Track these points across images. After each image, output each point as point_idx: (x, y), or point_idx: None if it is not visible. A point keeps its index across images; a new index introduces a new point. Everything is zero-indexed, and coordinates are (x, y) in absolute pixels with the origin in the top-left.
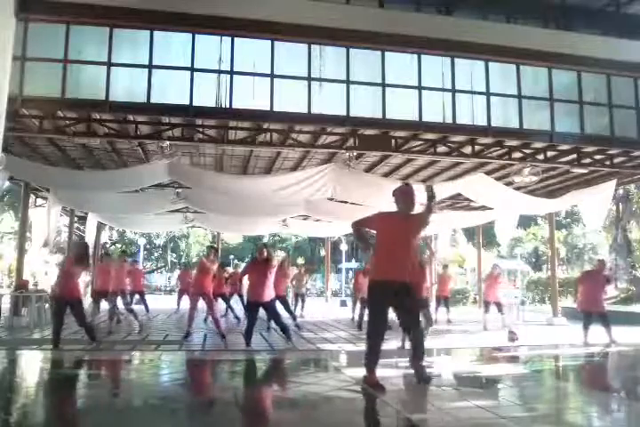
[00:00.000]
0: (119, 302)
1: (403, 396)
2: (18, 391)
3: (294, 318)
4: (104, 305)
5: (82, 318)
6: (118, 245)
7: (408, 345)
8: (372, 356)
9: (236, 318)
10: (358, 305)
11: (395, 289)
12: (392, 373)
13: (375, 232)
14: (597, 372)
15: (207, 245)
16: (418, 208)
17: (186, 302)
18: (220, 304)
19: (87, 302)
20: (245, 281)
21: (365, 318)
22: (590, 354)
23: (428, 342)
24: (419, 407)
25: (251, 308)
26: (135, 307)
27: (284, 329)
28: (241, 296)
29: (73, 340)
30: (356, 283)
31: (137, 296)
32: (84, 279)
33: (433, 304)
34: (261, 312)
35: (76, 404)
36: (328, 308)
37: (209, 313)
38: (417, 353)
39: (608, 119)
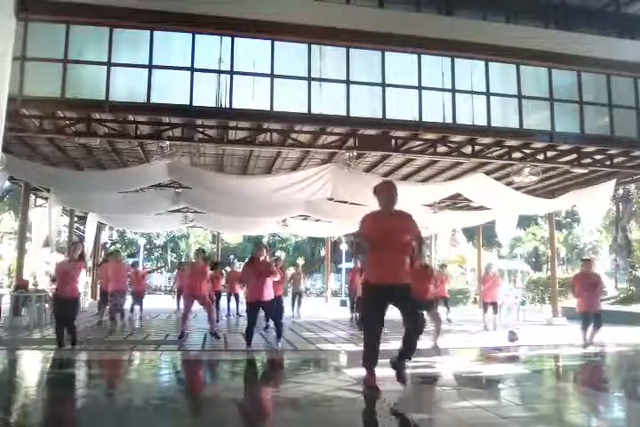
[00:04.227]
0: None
1: (403, 396)
2: (17, 391)
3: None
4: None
5: (73, 318)
6: (118, 245)
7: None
8: (370, 356)
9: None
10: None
11: (389, 292)
12: (393, 373)
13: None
14: (597, 372)
15: (196, 249)
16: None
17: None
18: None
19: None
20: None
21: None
22: (590, 354)
23: (430, 342)
24: (419, 407)
25: (251, 308)
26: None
27: (278, 331)
28: (237, 296)
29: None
30: (352, 283)
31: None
32: (84, 279)
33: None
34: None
35: (75, 404)
36: (328, 308)
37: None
38: (406, 353)
39: (608, 119)
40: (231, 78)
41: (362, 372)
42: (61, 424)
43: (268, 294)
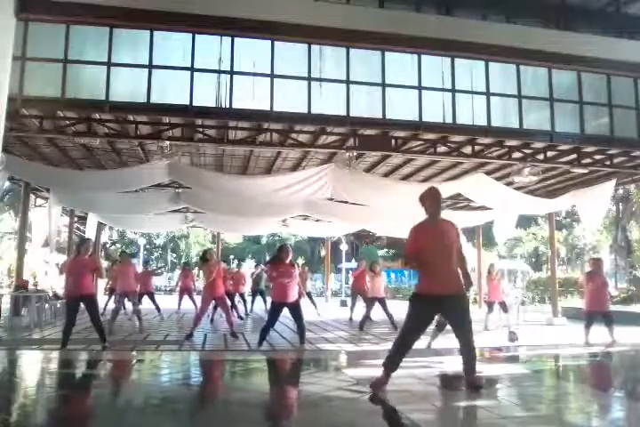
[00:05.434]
0: (127, 302)
1: (403, 396)
2: (17, 392)
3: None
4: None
5: (96, 316)
6: (118, 245)
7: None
8: (395, 361)
9: (240, 317)
10: (360, 305)
11: (440, 303)
12: (394, 373)
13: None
14: (597, 372)
15: (204, 249)
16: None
17: (186, 301)
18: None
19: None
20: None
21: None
22: (590, 354)
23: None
24: (419, 407)
25: (275, 308)
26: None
27: (301, 332)
28: (242, 295)
29: (74, 340)
30: (357, 283)
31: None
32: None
33: None
34: (258, 312)
35: (75, 404)
36: (328, 308)
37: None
38: (470, 366)
39: (608, 119)
40: (231, 78)
41: (362, 372)
42: (61, 424)
43: (293, 296)
